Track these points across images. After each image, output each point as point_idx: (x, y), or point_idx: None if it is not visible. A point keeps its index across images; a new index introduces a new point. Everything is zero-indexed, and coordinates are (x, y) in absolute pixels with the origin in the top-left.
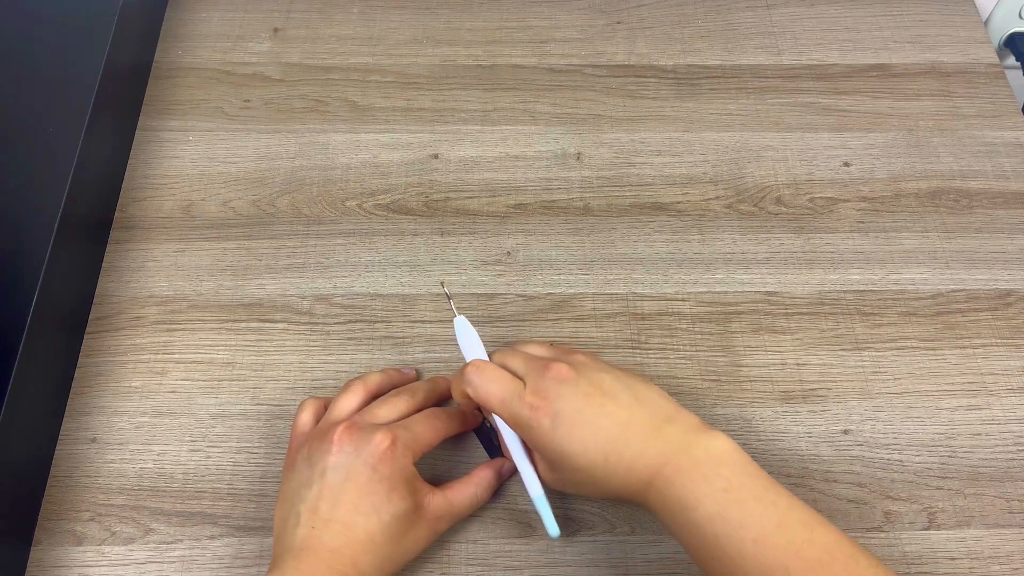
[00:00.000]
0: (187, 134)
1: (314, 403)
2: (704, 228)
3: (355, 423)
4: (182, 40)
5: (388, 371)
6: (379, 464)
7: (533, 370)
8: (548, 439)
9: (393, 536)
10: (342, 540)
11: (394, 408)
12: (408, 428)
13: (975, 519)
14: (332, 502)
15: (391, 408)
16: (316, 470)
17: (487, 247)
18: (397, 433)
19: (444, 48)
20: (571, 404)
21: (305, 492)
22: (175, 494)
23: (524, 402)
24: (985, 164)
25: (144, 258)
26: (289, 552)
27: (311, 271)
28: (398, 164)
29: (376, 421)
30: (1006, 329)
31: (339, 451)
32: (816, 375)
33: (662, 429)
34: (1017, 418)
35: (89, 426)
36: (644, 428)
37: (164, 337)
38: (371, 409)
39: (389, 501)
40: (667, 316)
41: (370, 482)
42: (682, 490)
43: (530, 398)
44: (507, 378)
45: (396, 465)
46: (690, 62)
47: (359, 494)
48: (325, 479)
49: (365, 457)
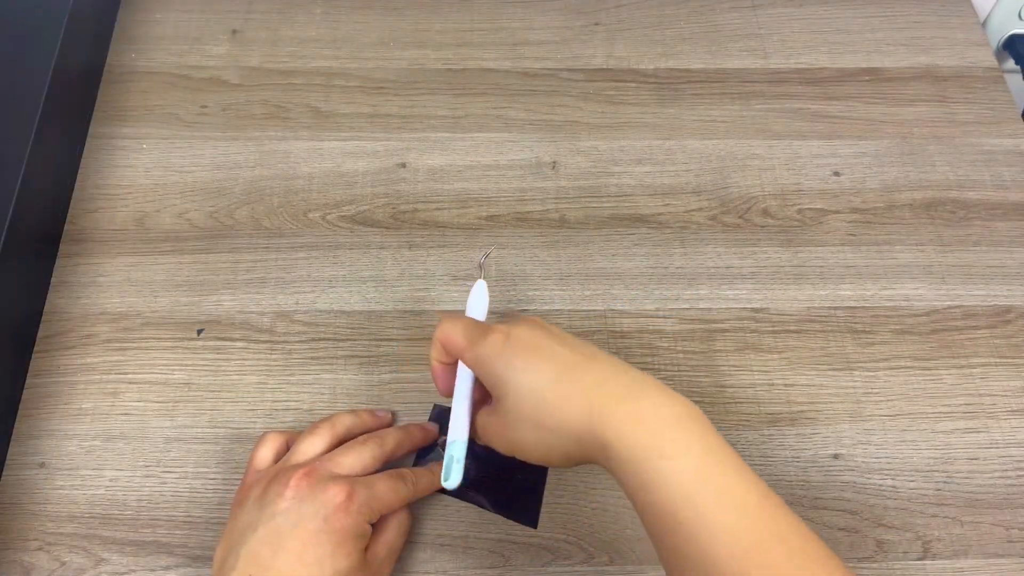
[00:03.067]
0: (141, 142)
1: (276, 439)
2: (687, 241)
3: (314, 470)
4: (136, 42)
5: (360, 413)
6: (331, 517)
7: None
8: (501, 354)
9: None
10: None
11: (358, 458)
12: (369, 486)
13: (972, 548)
14: (275, 548)
15: (355, 457)
16: (265, 513)
17: (457, 261)
18: (356, 489)
19: (412, 51)
20: (529, 333)
21: (249, 534)
22: (128, 522)
23: (485, 329)
24: (983, 173)
25: (95, 273)
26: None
27: (272, 287)
28: (363, 173)
29: (338, 470)
30: (1005, 347)
31: (293, 497)
32: (805, 396)
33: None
34: (1017, 442)
35: (37, 450)
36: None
37: (116, 356)
38: (334, 456)
39: (334, 556)
40: (647, 334)
41: (318, 533)
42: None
43: (493, 326)
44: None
45: (349, 521)
46: (672, 66)
47: (304, 544)
48: (272, 523)
49: (318, 507)
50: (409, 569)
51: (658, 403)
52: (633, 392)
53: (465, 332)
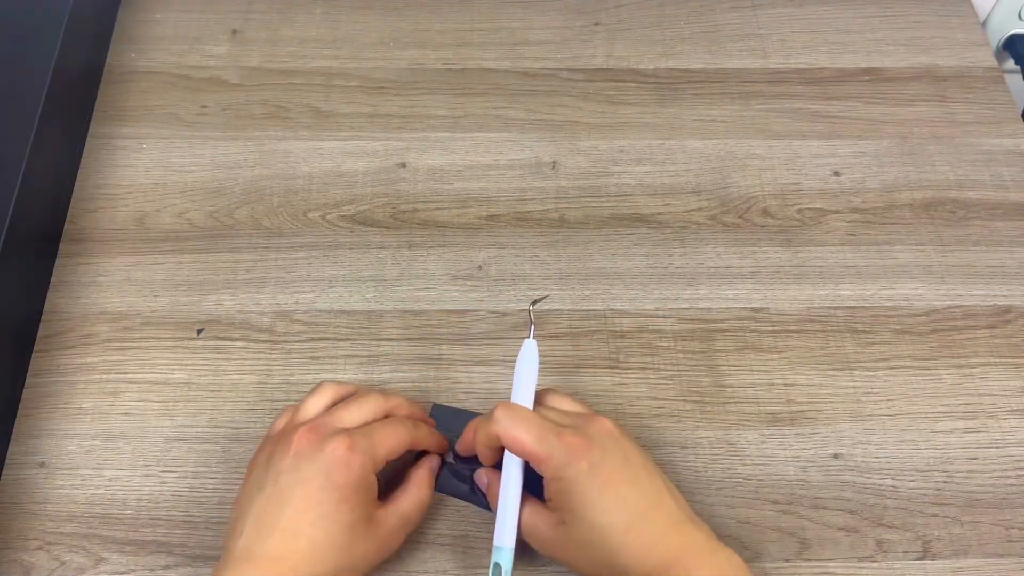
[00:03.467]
0: (141, 141)
1: (292, 410)
2: (687, 241)
3: (316, 427)
4: (136, 42)
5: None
6: (333, 472)
7: (574, 419)
8: (580, 486)
9: (339, 547)
10: (283, 549)
11: (359, 411)
12: (368, 435)
13: (972, 548)
14: (279, 507)
15: (356, 411)
16: (271, 473)
17: (457, 261)
18: (355, 440)
19: (412, 51)
20: (612, 460)
21: (257, 495)
22: (128, 522)
23: (563, 440)
24: (983, 173)
25: (95, 272)
26: (230, 562)
27: (271, 286)
28: (363, 173)
29: (340, 424)
30: (1005, 347)
31: (295, 455)
32: (804, 396)
33: (685, 525)
34: (1016, 441)
35: (37, 450)
36: (670, 517)
37: (116, 356)
38: (335, 411)
39: (338, 512)
40: (647, 334)
41: (321, 489)
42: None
43: (571, 439)
44: (542, 419)
45: (351, 474)
46: (672, 65)
47: (307, 501)
48: (277, 483)
49: (319, 464)
50: (409, 569)
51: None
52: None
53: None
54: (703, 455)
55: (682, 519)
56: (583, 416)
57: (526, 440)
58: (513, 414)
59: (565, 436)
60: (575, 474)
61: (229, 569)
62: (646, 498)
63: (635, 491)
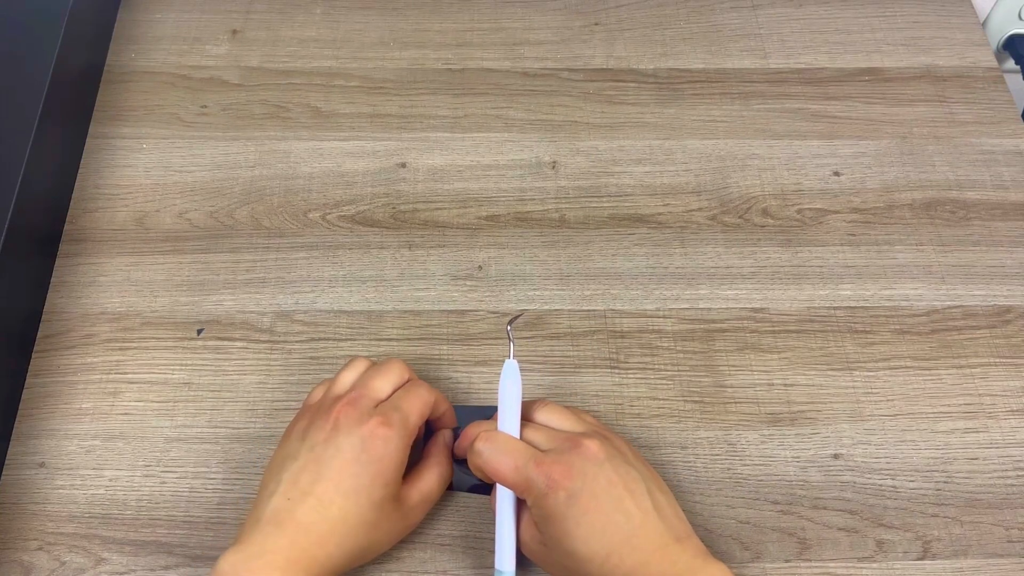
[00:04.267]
0: (141, 142)
1: (328, 383)
2: (687, 241)
3: (354, 400)
4: (135, 42)
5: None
6: (370, 446)
7: (560, 443)
8: (559, 516)
9: (368, 523)
10: (314, 516)
11: (388, 379)
12: (397, 407)
13: (972, 548)
14: (315, 475)
15: (386, 378)
16: (306, 443)
17: (457, 261)
18: (389, 414)
19: (412, 51)
20: (592, 487)
21: (290, 463)
22: (128, 522)
23: (542, 470)
24: (983, 173)
25: (95, 272)
26: (257, 524)
27: (271, 286)
28: (363, 173)
29: (372, 394)
30: (1005, 348)
31: (333, 428)
32: (805, 396)
33: (670, 548)
34: (1016, 441)
35: (37, 450)
36: (654, 541)
37: (116, 356)
38: (367, 382)
39: (372, 486)
40: (647, 334)
41: (356, 463)
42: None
43: (549, 468)
44: (522, 447)
45: (389, 448)
46: (672, 66)
47: (343, 473)
48: (313, 452)
49: (355, 439)
50: (409, 569)
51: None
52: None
53: (516, 471)
54: (703, 455)
55: (668, 541)
56: (570, 438)
57: (505, 472)
58: (492, 445)
59: (544, 465)
60: (553, 504)
61: (257, 531)
62: (629, 523)
63: (616, 518)
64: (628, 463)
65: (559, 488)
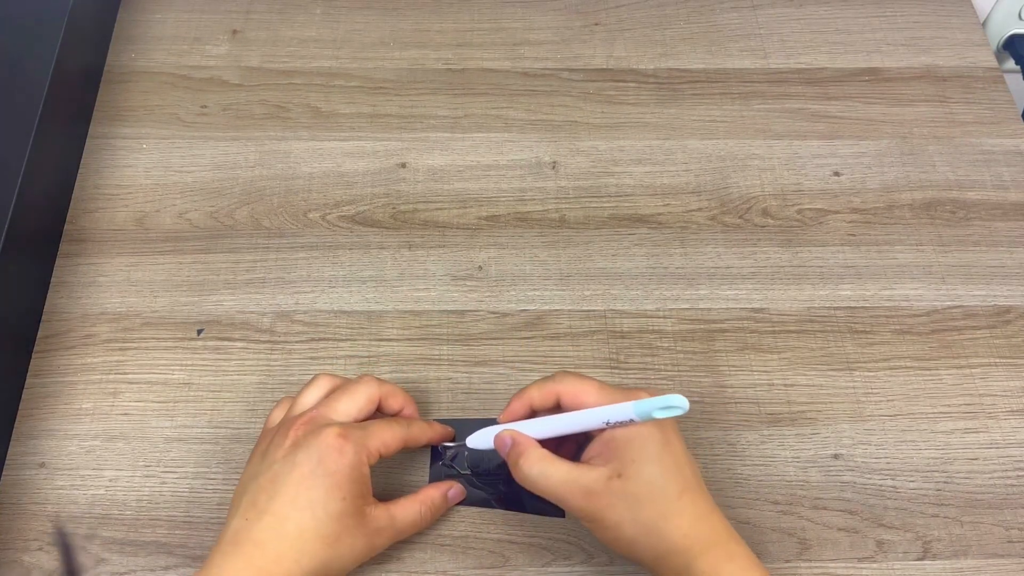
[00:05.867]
0: (141, 142)
1: (288, 401)
2: (687, 241)
3: (312, 419)
4: (135, 42)
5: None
6: (325, 459)
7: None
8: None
9: (325, 537)
10: (270, 534)
11: (352, 400)
12: (363, 427)
13: (972, 548)
14: (271, 493)
15: (350, 400)
16: (265, 462)
17: (457, 261)
18: (349, 430)
19: (412, 51)
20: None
21: (251, 484)
22: (128, 522)
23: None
24: (983, 173)
25: (95, 273)
26: (219, 547)
27: (271, 287)
28: (363, 173)
29: (334, 415)
30: (1005, 348)
31: (291, 445)
32: (805, 396)
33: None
34: (1016, 442)
35: (37, 450)
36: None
37: (116, 356)
38: (329, 402)
39: (327, 499)
40: (647, 334)
41: (312, 476)
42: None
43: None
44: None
45: (344, 462)
46: (672, 66)
47: (298, 488)
48: (271, 471)
49: (311, 452)
50: (409, 569)
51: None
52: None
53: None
54: (703, 455)
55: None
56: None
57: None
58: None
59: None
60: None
61: (217, 554)
62: (695, 474)
63: (689, 462)
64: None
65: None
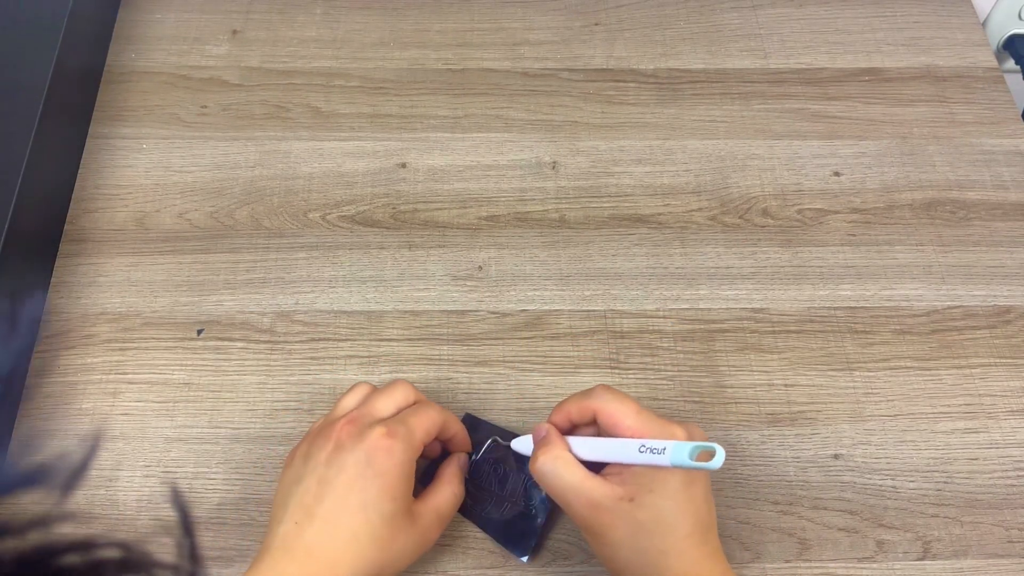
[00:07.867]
0: (141, 142)
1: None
2: (687, 241)
3: (354, 419)
4: (135, 42)
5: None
6: (374, 459)
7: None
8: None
9: (379, 540)
10: (323, 538)
11: (390, 399)
12: (403, 421)
13: (972, 548)
14: (320, 496)
15: (389, 399)
16: (309, 466)
17: (457, 261)
18: (393, 427)
19: (412, 51)
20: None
21: (295, 487)
22: (128, 522)
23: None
24: (983, 173)
25: (95, 273)
26: (268, 551)
27: (272, 287)
28: (363, 173)
29: (376, 414)
30: (1005, 348)
31: (336, 446)
32: (805, 396)
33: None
34: (1016, 442)
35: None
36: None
37: (116, 356)
38: (369, 402)
39: (380, 500)
40: (647, 334)
41: (362, 478)
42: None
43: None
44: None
45: (393, 462)
46: (672, 66)
47: (349, 489)
48: (316, 474)
49: (359, 454)
50: (409, 569)
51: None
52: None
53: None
54: None
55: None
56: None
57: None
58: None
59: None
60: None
61: (267, 558)
62: (709, 517)
63: (707, 503)
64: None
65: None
